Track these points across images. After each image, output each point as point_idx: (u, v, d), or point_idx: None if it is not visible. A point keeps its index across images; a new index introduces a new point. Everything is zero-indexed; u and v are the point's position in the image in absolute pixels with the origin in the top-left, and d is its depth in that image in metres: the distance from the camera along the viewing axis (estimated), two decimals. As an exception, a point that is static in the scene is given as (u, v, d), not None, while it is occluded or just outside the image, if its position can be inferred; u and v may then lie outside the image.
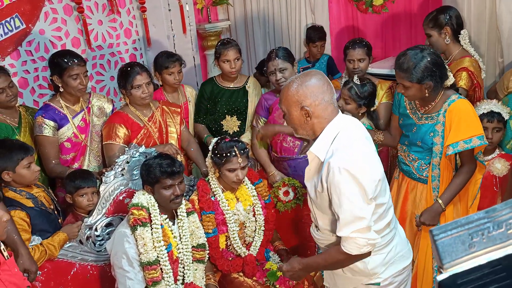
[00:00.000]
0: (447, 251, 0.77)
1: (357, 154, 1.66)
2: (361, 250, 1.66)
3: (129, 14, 3.98)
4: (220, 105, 3.16)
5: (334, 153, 1.65)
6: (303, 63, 3.97)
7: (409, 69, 2.15)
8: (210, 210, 2.44)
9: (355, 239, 1.64)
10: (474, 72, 2.72)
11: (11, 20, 3.26)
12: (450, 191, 2.29)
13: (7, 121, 2.66)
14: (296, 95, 1.69)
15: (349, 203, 1.62)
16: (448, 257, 0.77)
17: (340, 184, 1.61)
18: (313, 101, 1.68)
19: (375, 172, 1.70)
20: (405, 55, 2.19)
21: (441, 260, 0.77)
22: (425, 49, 2.20)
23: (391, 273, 1.83)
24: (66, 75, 2.59)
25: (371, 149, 1.78)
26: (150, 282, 2.13)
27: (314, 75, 1.72)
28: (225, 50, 3.03)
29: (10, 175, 2.21)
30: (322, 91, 1.69)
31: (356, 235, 1.63)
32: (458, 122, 2.20)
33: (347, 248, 1.67)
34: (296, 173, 2.84)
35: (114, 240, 2.17)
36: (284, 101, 1.74)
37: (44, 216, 2.29)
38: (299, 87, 1.69)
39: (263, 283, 2.45)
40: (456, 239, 0.77)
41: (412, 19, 3.81)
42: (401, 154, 2.50)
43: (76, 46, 3.66)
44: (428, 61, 2.15)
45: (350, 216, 1.63)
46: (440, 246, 0.77)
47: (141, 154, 2.53)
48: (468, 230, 0.78)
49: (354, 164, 1.63)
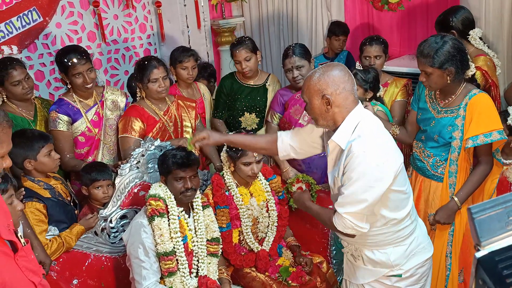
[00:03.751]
0: (485, 229, 0.79)
1: (378, 142, 1.70)
2: (345, 230, 1.74)
3: (144, 9, 4.00)
4: (239, 102, 3.15)
5: (355, 139, 1.68)
6: (321, 59, 3.95)
7: (430, 54, 2.15)
8: (224, 204, 2.44)
9: (344, 219, 1.70)
10: (488, 71, 2.71)
11: (28, 13, 3.30)
12: (466, 189, 2.27)
13: (23, 114, 2.68)
14: (317, 84, 1.72)
15: (358, 185, 1.66)
16: (485, 235, 0.79)
17: (359, 166, 1.65)
18: (334, 90, 1.71)
19: (395, 160, 1.72)
20: (426, 41, 2.20)
21: (479, 237, 0.79)
22: (446, 35, 2.21)
23: (413, 265, 1.84)
24: (70, 73, 2.61)
25: (390, 138, 1.81)
26: (165, 273, 2.15)
27: (336, 66, 1.76)
28: (234, 51, 3.03)
29: (32, 164, 2.25)
30: (343, 81, 1.72)
31: (347, 217, 1.69)
32: (479, 116, 2.19)
33: (335, 222, 1.75)
34: (310, 170, 2.83)
35: (131, 230, 2.19)
36: (306, 91, 1.77)
37: (61, 207, 2.31)
38: (321, 77, 1.73)
39: (275, 278, 2.45)
40: (493, 217, 0.79)
41: (428, 16, 3.77)
42: (416, 150, 2.49)
43: (91, 40, 3.69)
44: (450, 45, 2.15)
45: (351, 197, 1.67)
46: (478, 224, 0.79)
47: (156, 147, 2.54)
48: (506, 209, 0.79)
49: (376, 149, 1.66)
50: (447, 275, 2.42)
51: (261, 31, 4.46)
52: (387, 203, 1.75)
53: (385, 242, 1.82)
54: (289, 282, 2.40)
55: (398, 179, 1.73)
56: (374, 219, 1.77)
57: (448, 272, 2.42)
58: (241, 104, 3.15)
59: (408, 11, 3.88)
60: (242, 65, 3.02)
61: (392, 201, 1.75)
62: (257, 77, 3.16)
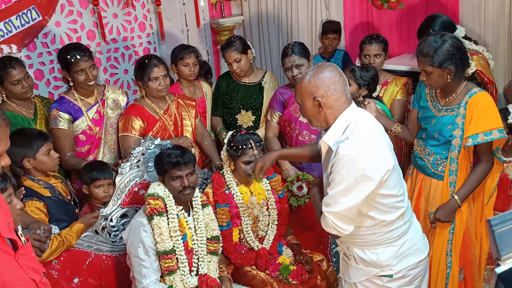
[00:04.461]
0: (505, 242, 0.74)
1: (366, 145, 1.69)
2: (327, 229, 1.76)
3: (144, 8, 3.99)
4: (236, 100, 3.16)
5: (344, 140, 1.70)
6: (318, 59, 3.96)
7: (429, 53, 2.15)
8: (225, 203, 2.44)
9: (326, 218, 1.72)
10: (483, 70, 2.71)
11: (28, 12, 3.29)
12: (466, 187, 2.27)
13: (23, 113, 2.68)
14: (308, 86, 1.74)
15: (340, 187, 1.67)
16: (506, 248, 0.74)
17: (343, 169, 1.66)
18: (325, 92, 1.72)
19: (385, 162, 1.71)
20: (426, 41, 2.21)
21: (499, 251, 0.75)
22: (446, 34, 2.21)
23: (405, 266, 1.83)
24: (72, 70, 2.61)
25: (383, 139, 1.79)
26: (165, 271, 2.15)
27: (326, 67, 1.76)
28: (224, 53, 3.04)
29: (31, 162, 2.25)
30: (334, 82, 1.72)
31: (329, 216, 1.71)
32: (479, 114, 2.19)
33: (321, 219, 1.78)
34: (310, 168, 2.83)
35: (130, 229, 2.19)
36: (298, 93, 1.80)
37: (61, 206, 2.31)
38: (311, 79, 1.74)
39: (276, 276, 2.45)
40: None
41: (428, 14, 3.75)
42: (417, 148, 2.49)
43: (91, 39, 3.69)
44: (449, 44, 2.15)
45: (333, 198, 1.69)
46: (498, 237, 0.74)
47: (156, 146, 2.54)
48: None
49: (362, 153, 1.65)
50: (448, 273, 2.42)
51: (261, 29, 4.46)
52: (375, 205, 1.75)
53: (375, 242, 1.82)
54: (289, 280, 2.41)
55: (387, 183, 1.71)
56: (362, 219, 1.77)
57: (448, 270, 2.42)
58: (237, 102, 3.16)
59: (407, 10, 3.88)
60: (232, 66, 3.04)
61: (380, 204, 1.74)
62: (253, 74, 3.16)
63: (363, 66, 2.76)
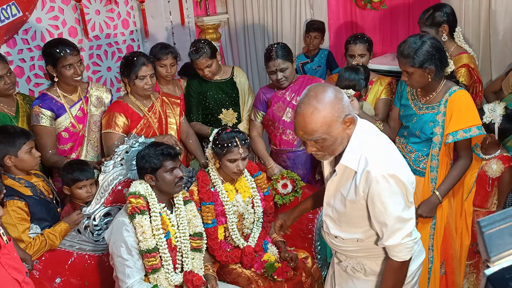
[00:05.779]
0: (494, 244, 0.72)
1: (393, 159, 1.66)
2: (412, 252, 1.68)
3: (127, 5, 3.94)
4: (211, 98, 3.14)
5: (368, 161, 1.61)
6: (302, 58, 3.98)
7: (410, 54, 2.21)
8: (210, 201, 2.44)
9: (404, 244, 1.64)
10: (475, 68, 2.77)
11: (7, 7, 3.21)
12: (447, 183, 2.33)
13: (5, 110, 2.63)
14: (329, 115, 1.60)
15: (396, 209, 1.60)
16: (495, 250, 0.72)
17: (386, 192, 1.59)
18: (343, 107, 1.63)
19: (410, 173, 1.70)
20: (406, 42, 2.26)
21: (488, 252, 0.73)
22: (425, 35, 2.27)
23: (414, 268, 1.82)
24: (60, 65, 2.56)
25: (386, 138, 1.77)
26: (149, 270, 2.14)
27: (320, 91, 1.63)
28: (194, 60, 3.00)
29: (13, 160, 2.21)
30: (339, 97, 1.64)
31: (406, 240, 1.63)
32: (459, 112, 2.25)
33: (400, 256, 1.67)
34: (295, 166, 2.85)
35: (112, 229, 2.16)
36: (321, 127, 1.59)
37: (43, 205, 2.27)
38: (326, 107, 1.59)
39: (261, 274, 2.45)
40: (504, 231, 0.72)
41: (410, 14, 3.83)
42: (398, 146, 2.53)
43: (73, 35, 3.62)
44: (428, 45, 2.21)
45: (399, 222, 1.62)
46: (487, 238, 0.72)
47: (140, 144, 2.52)
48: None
49: (396, 169, 1.61)
50: (430, 268, 2.47)
51: (245, 28, 4.46)
52: None
53: None
54: (274, 278, 2.42)
55: None
56: None
57: (430, 264, 2.47)
58: (215, 100, 3.14)
59: (390, 10, 3.93)
60: (204, 71, 3.03)
61: None
62: (222, 71, 3.17)
63: (352, 67, 2.75)
